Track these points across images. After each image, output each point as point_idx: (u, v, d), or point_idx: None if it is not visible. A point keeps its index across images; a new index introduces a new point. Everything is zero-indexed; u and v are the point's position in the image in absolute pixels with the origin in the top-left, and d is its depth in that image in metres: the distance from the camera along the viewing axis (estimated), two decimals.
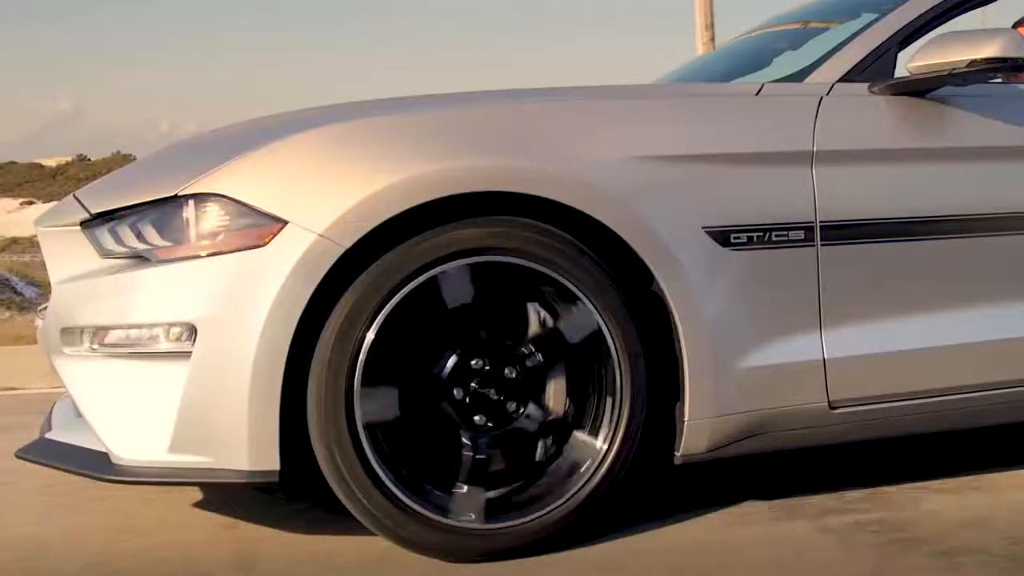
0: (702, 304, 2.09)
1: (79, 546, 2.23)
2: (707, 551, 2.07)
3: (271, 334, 1.89)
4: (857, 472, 2.57)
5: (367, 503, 1.95)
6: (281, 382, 1.90)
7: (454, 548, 2.00)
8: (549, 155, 2.04)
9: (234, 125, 2.39)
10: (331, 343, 1.92)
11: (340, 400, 1.92)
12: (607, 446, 2.06)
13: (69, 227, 2.14)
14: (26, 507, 2.59)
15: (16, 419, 3.58)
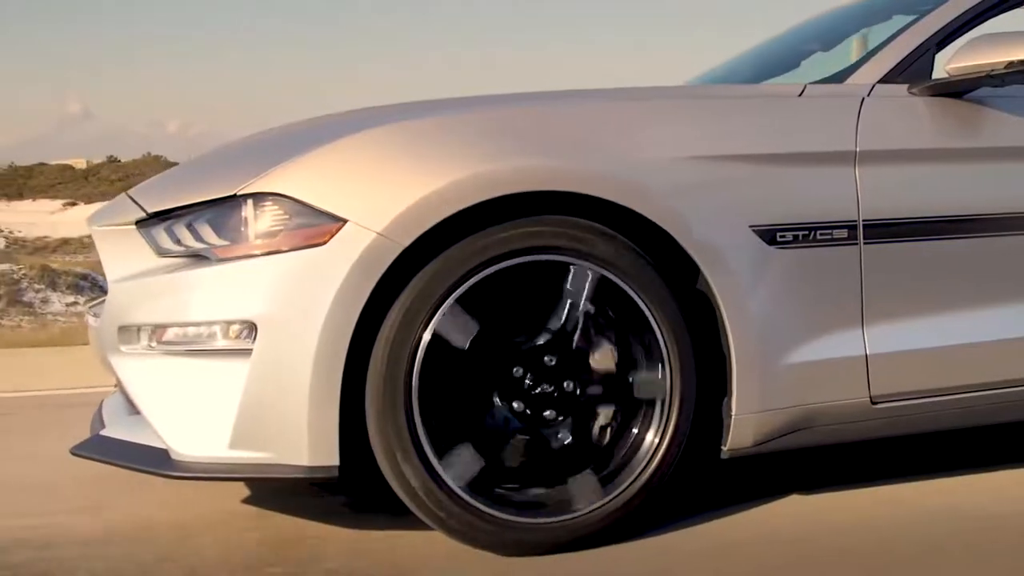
0: (749, 301, 2.08)
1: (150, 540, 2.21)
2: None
3: (331, 331, 1.87)
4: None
5: (425, 498, 1.93)
6: (341, 379, 1.88)
7: (508, 542, 1.98)
8: (603, 155, 2.03)
9: (288, 125, 2.38)
10: (389, 342, 1.91)
11: (399, 398, 1.91)
12: (658, 440, 2.05)
13: (124, 226, 2.12)
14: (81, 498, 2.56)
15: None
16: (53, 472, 2.79)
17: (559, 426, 2.02)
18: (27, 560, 2.09)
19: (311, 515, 2.30)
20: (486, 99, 2.21)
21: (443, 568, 1.97)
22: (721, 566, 1.96)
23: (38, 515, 2.43)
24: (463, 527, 1.96)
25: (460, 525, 1.95)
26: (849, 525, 2.15)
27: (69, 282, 14.19)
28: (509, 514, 1.98)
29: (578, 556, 2.00)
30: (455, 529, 1.97)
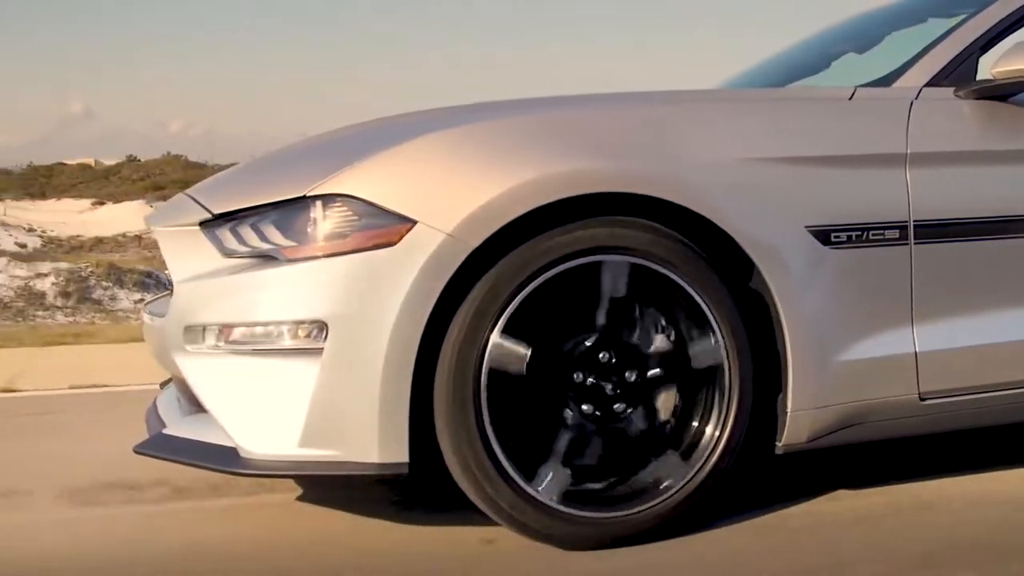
0: (804, 300, 2.08)
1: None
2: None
3: (402, 331, 1.87)
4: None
5: (493, 494, 1.93)
6: (411, 377, 1.87)
7: (574, 536, 1.98)
8: (667, 158, 2.03)
9: (353, 126, 2.36)
10: (458, 343, 1.91)
11: (468, 397, 1.91)
12: (718, 433, 2.06)
13: (187, 227, 2.11)
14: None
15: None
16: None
17: (632, 416, 2.02)
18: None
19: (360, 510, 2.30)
20: (549, 101, 2.21)
21: (482, 556, 1.97)
22: (766, 561, 1.96)
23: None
24: (528, 520, 1.95)
25: (524, 517, 1.95)
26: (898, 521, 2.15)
27: (135, 280, 14.10)
28: (597, 511, 1.99)
29: (625, 551, 1.99)
30: (519, 522, 1.96)
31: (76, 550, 2.16)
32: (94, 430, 3.46)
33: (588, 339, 2.02)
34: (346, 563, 2.00)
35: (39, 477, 2.74)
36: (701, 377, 2.07)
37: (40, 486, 2.65)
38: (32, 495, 2.60)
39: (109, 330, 6.11)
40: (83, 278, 13.86)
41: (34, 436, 3.47)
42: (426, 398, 1.92)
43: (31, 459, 3.03)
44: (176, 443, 2.12)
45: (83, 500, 2.53)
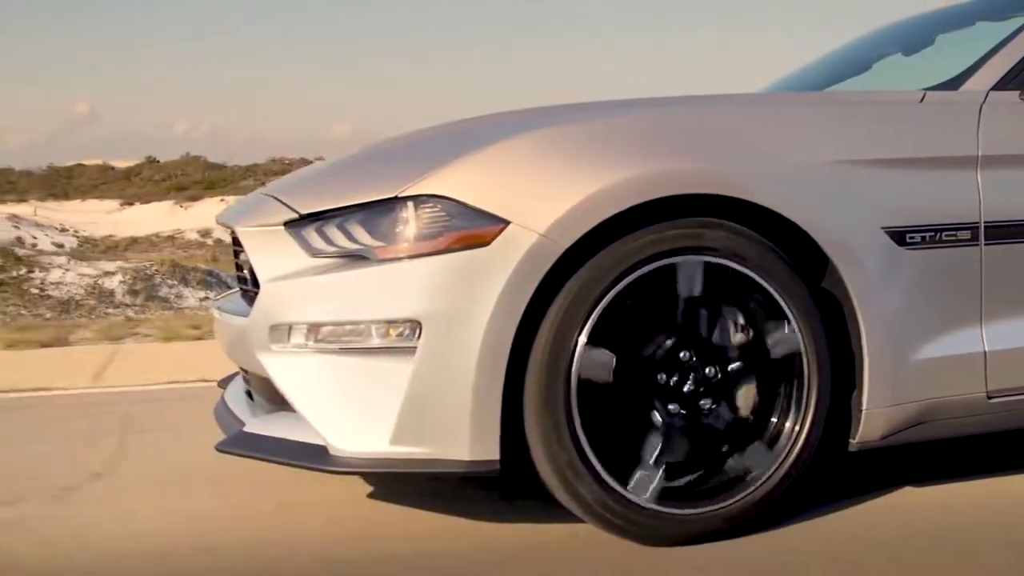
0: (880, 300, 2.08)
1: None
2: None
3: (495, 330, 1.86)
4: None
5: (584, 492, 1.92)
6: (504, 376, 1.86)
7: (662, 533, 1.98)
8: (752, 160, 2.03)
9: (438, 127, 2.35)
10: (549, 342, 1.90)
11: (558, 396, 1.90)
12: (798, 428, 2.05)
13: (272, 227, 2.09)
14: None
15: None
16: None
17: (716, 411, 2.02)
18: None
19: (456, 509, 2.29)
20: (635, 103, 2.21)
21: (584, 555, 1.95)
22: (843, 557, 1.95)
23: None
24: (615, 517, 1.95)
25: (611, 515, 1.95)
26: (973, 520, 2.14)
27: (198, 278, 14.08)
28: (685, 508, 1.98)
29: (702, 548, 1.98)
30: (606, 519, 1.95)
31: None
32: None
33: (669, 339, 2.01)
34: (434, 553, 1.99)
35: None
36: (780, 370, 2.06)
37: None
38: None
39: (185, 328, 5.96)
40: (149, 276, 13.82)
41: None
42: (514, 397, 1.91)
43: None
44: (259, 441, 2.11)
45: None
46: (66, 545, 2.18)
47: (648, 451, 1.96)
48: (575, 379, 1.90)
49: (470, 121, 2.29)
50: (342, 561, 2.02)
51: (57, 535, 2.25)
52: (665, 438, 1.98)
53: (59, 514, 2.41)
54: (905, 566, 1.90)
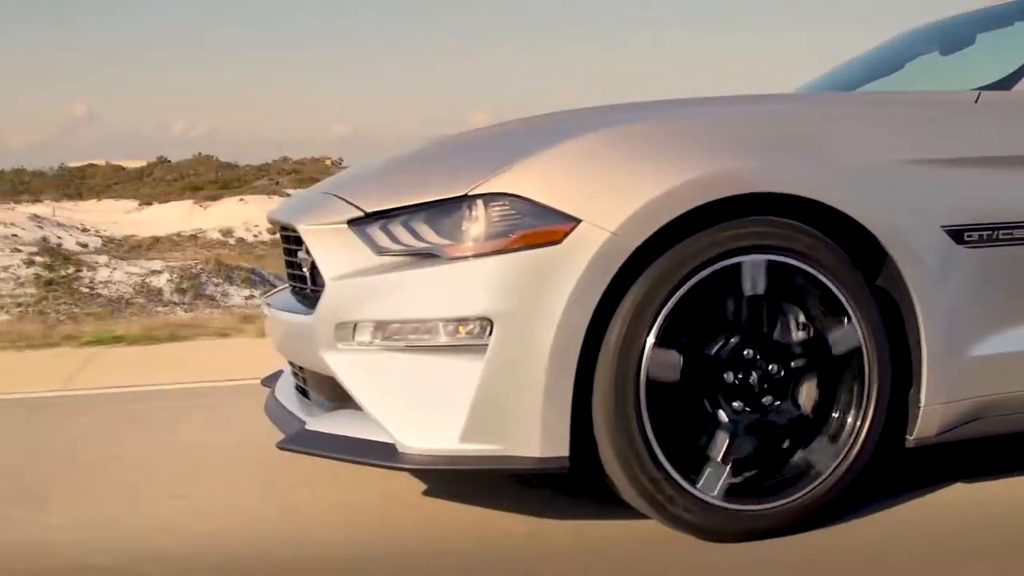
0: (939, 297, 2.07)
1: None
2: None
3: (567, 328, 1.85)
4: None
5: (652, 490, 1.91)
6: (575, 374, 1.85)
7: (727, 529, 1.97)
8: (816, 159, 2.02)
9: (496, 126, 2.34)
10: (619, 339, 1.89)
11: (628, 392, 1.89)
12: (859, 423, 2.04)
13: (336, 225, 2.07)
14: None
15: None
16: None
17: (779, 408, 2.01)
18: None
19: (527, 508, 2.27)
20: (701, 101, 2.20)
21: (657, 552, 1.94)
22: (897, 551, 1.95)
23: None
24: (684, 512, 1.94)
25: (679, 510, 1.94)
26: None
27: (243, 276, 14.10)
28: (752, 504, 1.97)
29: (763, 544, 1.97)
30: (674, 516, 1.94)
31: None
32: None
33: (734, 337, 2.00)
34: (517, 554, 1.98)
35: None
36: (841, 367, 2.04)
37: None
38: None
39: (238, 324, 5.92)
40: (195, 275, 13.80)
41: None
42: (582, 394, 1.89)
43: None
44: (323, 439, 2.09)
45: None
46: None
47: (715, 448, 1.96)
48: (644, 377, 1.89)
49: (534, 119, 2.28)
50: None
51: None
52: (732, 435, 1.97)
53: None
54: (956, 567, 1.89)
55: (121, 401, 3.79)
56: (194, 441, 3.04)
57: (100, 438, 3.19)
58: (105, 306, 11.93)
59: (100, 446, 3.06)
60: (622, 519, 2.08)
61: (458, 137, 2.35)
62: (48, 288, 12.67)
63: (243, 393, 3.44)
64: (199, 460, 2.80)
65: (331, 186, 2.30)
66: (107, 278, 13.13)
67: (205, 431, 3.19)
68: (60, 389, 4.11)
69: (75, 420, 3.47)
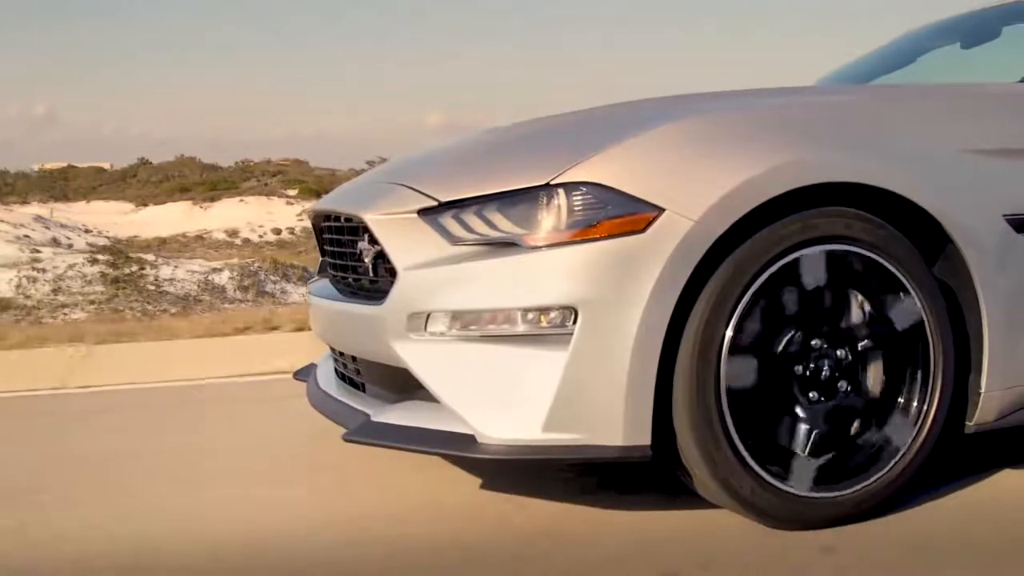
0: (1000, 285, 2.05)
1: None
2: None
3: (651, 317, 1.80)
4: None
5: (732, 479, 1.87)
6: (658, 362, 1.79)
7: (806, 517, 1.93)
8: (888, 150, 1.98)
9: (569, 114, 2.27)
10: (700, 328, 1.84)
11: (709, 382, 1.84)
12: (927, 407, 2.01)
13: (405, 215, 2.00)
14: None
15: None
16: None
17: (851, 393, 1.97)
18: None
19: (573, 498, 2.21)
20: (776, 92, 2.16)
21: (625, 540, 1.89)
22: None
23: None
24: (760, 502, 1.89)
25: (757, 499, 1.89)
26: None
27: (298, 274, 13.94)
28: (829, 491, 1.93)
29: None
30: (752, 505, 1.90)
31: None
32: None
33: (808, 328, 1.95)
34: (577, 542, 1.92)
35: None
36: (908, 353, 2.01)
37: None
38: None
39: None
40: (254, 272, 13.60)
41: None
42: (662, 383, 1.84)
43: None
44: (394, 430, 2.01)
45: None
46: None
47: (797, 441, 1.91)
48: (724, 366, 1.85)
49: (611, 108, 2.22)
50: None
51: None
52: (811, 427, 1.92)
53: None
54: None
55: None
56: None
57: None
58: (174, 303, 11.74)
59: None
60: (673, 509, 2.05)
61: (528, 126, 2.28)
62: (117, 286, 12.47)
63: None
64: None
65: (393, 175, 2.22)
66: (171, 276, 12.95)
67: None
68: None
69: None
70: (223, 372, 4.17)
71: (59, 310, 11.40)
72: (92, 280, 12.64)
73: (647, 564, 1.81)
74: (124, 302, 11.78)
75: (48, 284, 12.53)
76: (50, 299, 11.98)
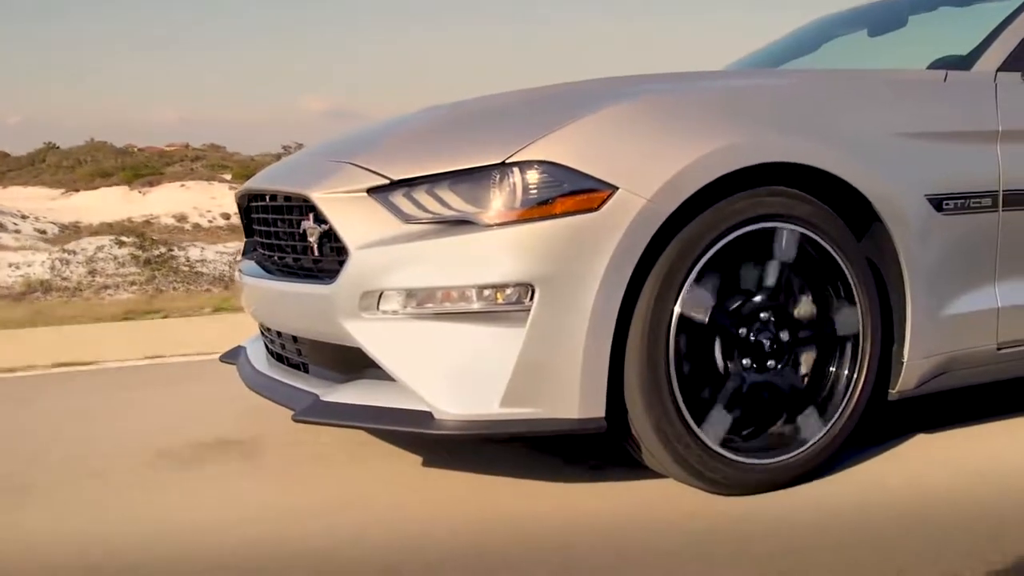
0: (922, 261, 2.11)
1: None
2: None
3: (605, 293, 1.78)
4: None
5: (682, 450, 1.87)
6: (612, 337, 1.77)
7: (746, 482, 1.95)
8: (827, 132, 2.00)
9: (527, 91, 2.21)
10: (649, 310, 1.83)
11: (659, 359, 1.83)
12: (856, 375, 2.06)
13: (355, 193, 1.92)
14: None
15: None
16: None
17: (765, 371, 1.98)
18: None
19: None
20: (723, 74, 2.20)
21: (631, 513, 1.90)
22: None
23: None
24: (708, 471, 1.91)
25: (706, 469, 1.90)
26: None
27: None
28: (753, 458, 1.95)
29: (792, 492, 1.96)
30: (700, 473, 1.91)
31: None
32: None
33: (746, 297, 1.97)
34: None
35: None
36: (840, 322, 2.04)
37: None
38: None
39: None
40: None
41: None
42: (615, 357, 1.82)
43: None
44: (347, 409, 1.94)
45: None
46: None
47: (721, 397, 1.93)
48: (673, 341, 1.84)
49: (562, 87, 2.18)
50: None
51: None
52: (750, 393, 1.95)
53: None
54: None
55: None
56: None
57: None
58: (213, 283, 11.10)
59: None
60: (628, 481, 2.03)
61: (477, 104, 2.22)
62: (151, 267, 11.76)
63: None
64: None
65: (337, 154, 2.13)
66: (200, 257, 12.27)
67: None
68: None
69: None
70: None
71: (103, 291, 10.77)
72: (124, 262, 11.98)
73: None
74: (164, 282, 11.20)
75: (82, 266, 11.86)
76: (88, 280, 11.34)
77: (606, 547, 1.71)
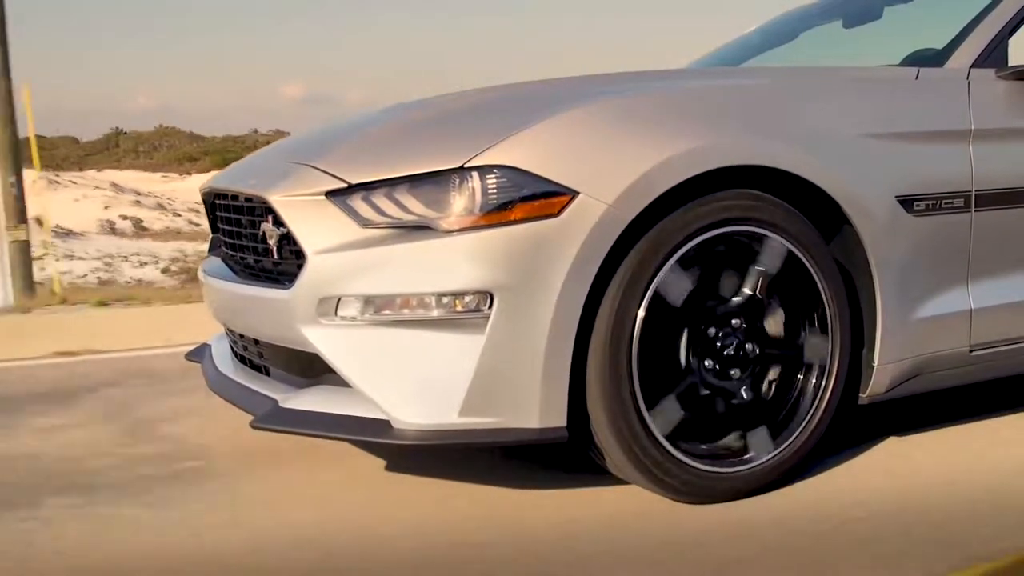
0: (893, 264, 2.04)
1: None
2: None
3: (566, 300, 1.70)
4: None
5: (642, 456, 1.80)
6: (573, 345, 1.70)
7: (715, 492, 1.89)
8: (793, 134, 1.93)
9: (485, 92, 2.11)
10: (613, 312, 1.76)
11: (622, 366, 1.76)
12: (824, 383, 1.99)
13: (312, 197, 1.83)
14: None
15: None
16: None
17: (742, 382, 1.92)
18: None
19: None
20: (687, 74, 2.11)
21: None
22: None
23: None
24: (668, 477, 1.84)
25: (665, 475, 1.84)
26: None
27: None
28: (704, 464, 1.88)
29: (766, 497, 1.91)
30: (660, 480, 1.84)
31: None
32: None
33: (710, 300, 1.91)
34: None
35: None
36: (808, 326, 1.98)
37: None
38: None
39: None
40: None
41: None
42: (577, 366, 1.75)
43: None
44: (304, 417, 1.86)
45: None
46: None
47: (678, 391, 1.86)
48: (636, 346, 1.77)
49: (521, 88, 2.09)
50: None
51: None
52: (716, 400, 1.88)
53: None
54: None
55: None
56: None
57: None
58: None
59: None
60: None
61: (437, 105, 2.12)
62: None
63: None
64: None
65: (297, 155, 2.04)
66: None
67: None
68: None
69: None
70: None
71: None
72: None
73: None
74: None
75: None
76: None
77: (608, 546, 1.66)
